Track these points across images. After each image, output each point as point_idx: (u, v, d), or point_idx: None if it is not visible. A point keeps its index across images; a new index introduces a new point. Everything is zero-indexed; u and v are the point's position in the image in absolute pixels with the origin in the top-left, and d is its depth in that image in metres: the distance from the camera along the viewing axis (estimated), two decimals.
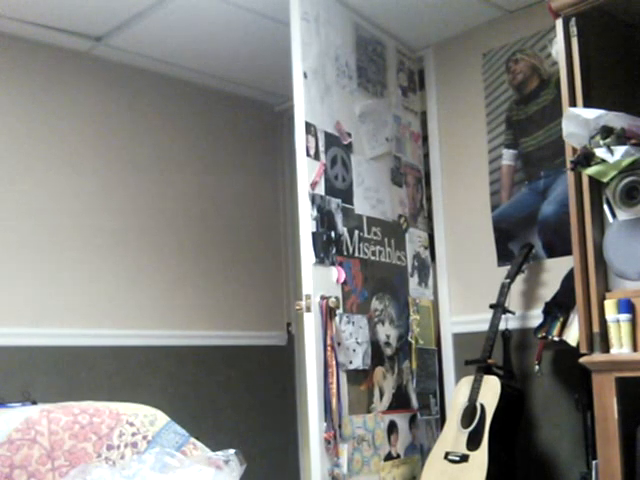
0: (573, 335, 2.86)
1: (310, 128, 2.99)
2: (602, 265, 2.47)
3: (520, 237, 3.38)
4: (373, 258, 3.29)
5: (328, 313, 2.90)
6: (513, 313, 3.24)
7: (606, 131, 2.34)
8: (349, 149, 3.23)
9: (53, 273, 3.44)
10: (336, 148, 3.14)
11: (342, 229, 3.12)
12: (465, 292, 3.58)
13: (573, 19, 2.55)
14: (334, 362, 2.89)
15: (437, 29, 3.62)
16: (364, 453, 3.04)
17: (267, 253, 4.32)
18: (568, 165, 2.49)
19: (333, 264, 3.02)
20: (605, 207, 2.48)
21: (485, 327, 3.18)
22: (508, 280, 3.20)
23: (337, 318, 2.97)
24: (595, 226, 2.47)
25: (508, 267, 3.28)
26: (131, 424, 2.36)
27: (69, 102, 3.61)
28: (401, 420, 3.30)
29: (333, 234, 3.05)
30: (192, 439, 2.46)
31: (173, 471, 2.12)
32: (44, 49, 3.55)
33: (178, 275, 3.87)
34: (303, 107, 2.97)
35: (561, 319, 2.98)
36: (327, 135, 3.09)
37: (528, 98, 3.41)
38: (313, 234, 2.94)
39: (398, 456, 3.25)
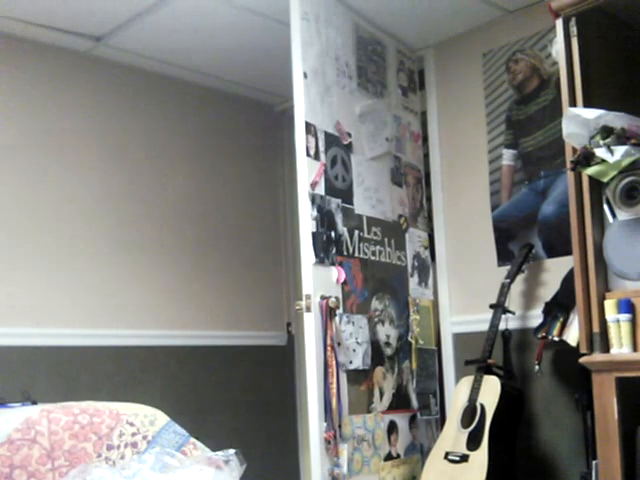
0: (573, 335, 2.86)
1: (310, 128, 2.99)
2: (602, 265, 2.47)
3: (520, 237, 3.38)
4: (373, 258, 3.29)
5: (328, 313, 2.90)
6: (513, 313, 3.24)
7: (606, 131, 2.34)
8: (349, 149, 3.23)
9: (53, 273, 3.44)
10: (336, 148, 3.14)
11: (342, 229, 3.12)
12: (465, 292, 3.57)
13: (573, 19, 2.55)
14: (334, 362, 2.89)
15: (437, 29, 3.62)
16: (364, 453, 3.04)
17: (267, 253, 4.32)
18: (568, 165, 2.49)
19: (333, 264, 3.02)
20: (605, 207, 2.48)
21: (485, 327, 3.18)
22: (508, 280, 3.20)
23: (337, 318, 2.97)
24: (595, 226, 2.47)
25: (508, 267, 3.28)
26: (131, 424, 2.36)
27: (69, 102, 3.61)
28: (401, 420, 3.29)
29: (333, 234, 3.05)
30: (192, 439, 2.46)
31: (173, 471, 2.12)
32: (44, 49, 3.55)
33: (178, 275, 3.87)
34: (303, 107, 2.97)
35: (561, 319, 2.98)
36: (327, 135, 3.09)
37: (528, 98, 3.41)
38: (313, 234, 2.94)
39: (398, 456, 3.25)
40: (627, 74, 2.76)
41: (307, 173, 2.96)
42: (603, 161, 2.34)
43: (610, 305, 2.40)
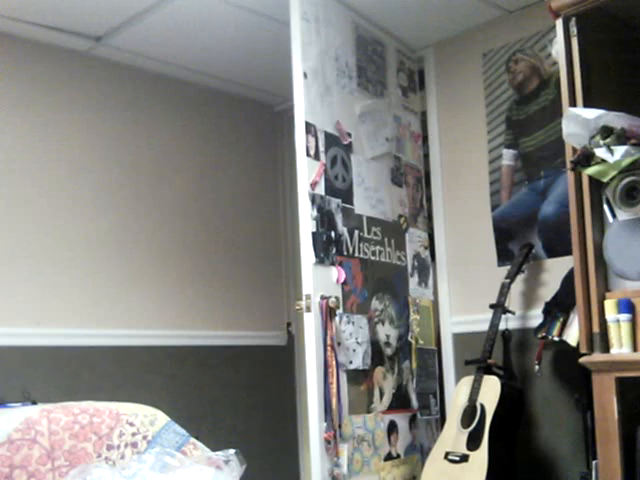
0: (573, 335, 2.86)
1: (310, 128, 2.99)
2: (602, 265, 2.47)
3: (520, 237, 3.38)
4: (373, 258, 3.29)
5: (328, 313, 2.90)
6: (513, 313, 3.24)
7: (606, 131, 2.34)
8: (349, 149, 3.23)
9: (53, 273, 3.43)
10: (336, 148, 3.14)
11: (342, 229, 3.12)
12: (465, 292, 3.57)
13: (573, 19, 2.55)
14: (334, 362, 2.89)
15: (437, 29, 3.62)
16: (364, 453, 3.04)
17: (267, 253, 4.32)
18: (568, 165, 2.49)
19: (333, 264, 3.02)
20: (605, 207, 2.48)
21: (485, 327, 3.18)
22: (508, 280, 3.20)
23: (337, 318, 2.97)
24: (595, 226, 2.47)
25: (508, 267, 3.28)
26: (131, 424, 2.36)
27: (69, 102, 3.60)
28: (401, 420, 3.29)
29: (333, 234, 3.05)
30: (192, 439, 2.46)
31: (173, 471, 2.12)
32: (44, 49, 3.55)
33: (178, 275, 3.87)
34: (303, 107, 2.97)
35: (561, 319, 2.98)
36: (327, 135, 3.09)
37: (528, 98, 3.41)
38: (313, 234, 2.94)
39: (398, 456, 3.25)
40: (627, 74, 2.76)
41: (307, 173, 2.96)
42: (603, 161, 2.34)
43: (610, 305, 2.40)
